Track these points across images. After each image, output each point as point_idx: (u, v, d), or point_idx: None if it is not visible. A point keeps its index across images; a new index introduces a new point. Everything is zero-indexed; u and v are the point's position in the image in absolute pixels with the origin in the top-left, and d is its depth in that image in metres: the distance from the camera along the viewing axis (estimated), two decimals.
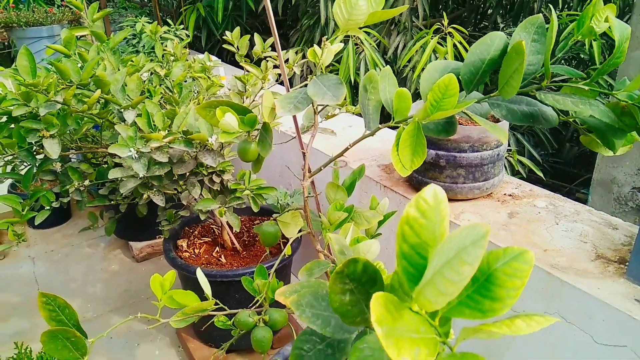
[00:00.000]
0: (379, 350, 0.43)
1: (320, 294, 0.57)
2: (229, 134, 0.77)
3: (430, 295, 0.38)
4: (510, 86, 0.75)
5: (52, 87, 1.12)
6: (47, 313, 0.77)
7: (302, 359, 0.53)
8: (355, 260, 0.45)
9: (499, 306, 0.39)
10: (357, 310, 0.49)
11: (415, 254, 0.41)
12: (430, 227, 0.41)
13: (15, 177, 1.41)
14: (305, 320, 0.54)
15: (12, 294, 2.34)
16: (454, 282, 0.36)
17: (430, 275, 0.39)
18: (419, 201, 0.42)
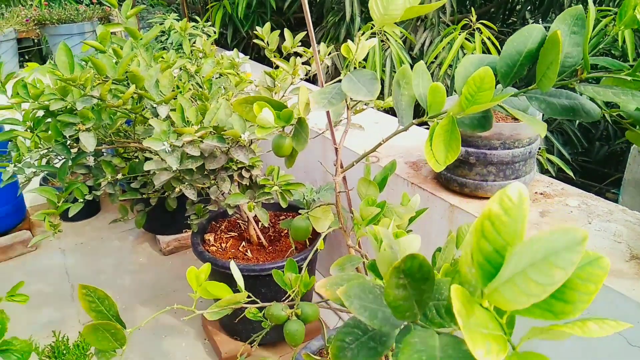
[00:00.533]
0: (429, 344, 0.43)
1: (367, 287, 0.58)
2: (265, 128, 0.78)
3: (510, 294, 0.38)
4: (547, 78, 0.74)
5: (88, 82, 1.15)
6: (87, 304, 0.79)
7: (344, 350, 0.54)
8: (412, 257, 0.45)
9: (570, 309, 0.39)
10: (408, 306, 0.49)
11: (493, 250, 0.41)
12: (511, 225, 0.40)
13: (50, 170, 1.46)
14: (353, 311, 0.54)
15: (43, 284, 2.41)
16: (541, 284, 0.36)
17: (509, 274, 0.39)
18: (503, 198, 0.41)
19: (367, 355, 0.54)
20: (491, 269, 0.40)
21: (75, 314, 2.19)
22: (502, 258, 0.40)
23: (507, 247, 0.40)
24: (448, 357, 0.42)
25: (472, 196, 1.42)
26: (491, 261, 0.40)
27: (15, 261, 2.61)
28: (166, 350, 1.97)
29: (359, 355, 0.54)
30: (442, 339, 0.45)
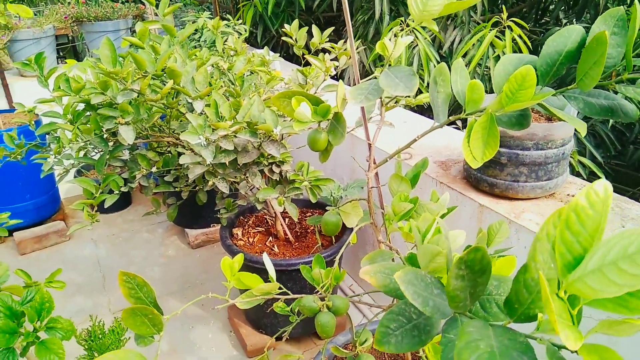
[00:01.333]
0: (485, 334, 0.44)
1: (419, 275, 0.59)
2: (302, 123, 0.79)
3: (597, 284, 0.39)
4: (589, 78, 0.74)
5: (129, 77, 1.19)
6: (127, 290, 0.82)
7: (388, 336, 0.55)
8: (477, 249, 0.46)
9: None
10: (463, 296, 0.50)
11: (576, 242, 0.42)
12: (595, 219, 0.42)
13: (89, 162, 1.51)
14: (409, 296, 0.55)
15: (76, 273, 2.49)
16: (635, 275, 0.37)
17: (595, 265, 0.40)
18: (590, 192, 0.43)
19: (411, 343, 0.55)
20: (572, 260, 0.41)
21: (106, 303, 2.26)
22: (583, 250, 0.41)
23: (590, 240, 0.41)
24: (504, 346, 0.43)
25: (502, 197, 1.41)
26: (573, 252, 0.41)
27: (50, 250, 2.70)
28: (193, 341, 2.01)
29: (402, 342, 0.56)
30: (495, 330, 0.46)
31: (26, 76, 3.18)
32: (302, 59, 1.75)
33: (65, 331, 0.92)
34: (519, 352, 0.43)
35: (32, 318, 0.90)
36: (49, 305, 0.92)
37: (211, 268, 2.49)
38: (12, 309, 0.89)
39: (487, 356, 0.42)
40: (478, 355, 0.43)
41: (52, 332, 0.92)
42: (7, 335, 0.86)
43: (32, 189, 2.72)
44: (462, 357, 0.43)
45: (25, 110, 1.59)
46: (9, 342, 0.85)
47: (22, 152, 1.62)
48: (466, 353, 0.43)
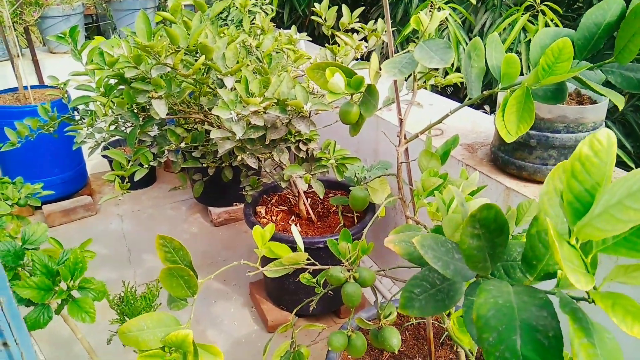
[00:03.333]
0: (504, 292, 0.45)
1: (440, 240, 0.60)
2: (335, 94, 0.80)
3: (604, 224, 0.40)
4: (628, 51, 0.73)
5: (163, 51, 1.21)
6: (163, 254, 0.84)
7: (413, 301, 0.56)
8: (489, 206, 0.47)
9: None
10: (481, 256, 0.51)
11: (583, 190, 0.43)
12: (601, 167, 0.42)
13: (120, 135, 1.54)
14: (428, 260, 0.56)
15: (102, 246, 2.56)
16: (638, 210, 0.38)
17: (602, 208, 0.41)
18: (593, 141, 0.43)
19: (435, 307, 0.56)
20: (580, 207, 0.42)
21: (132, 275, 2.32)
22: (591, 197, 0.42)
23: (596, 187, 0.41)
24: (523, 302, 0.44)
25: (529, 180, 1.40)
26: (581, 200, 0.42)
27: (77, 224, 2.78)
28: (215, 315, 2.06)
29: (426, 306, 0.57)
30: (516, 289, 0.47)
31: (56, 53, 3.24)
32: (330, 39, 1.75)
33: (97, 292, 0.96)
34: (537, 307, 0.43)
35: (65, 277, 0.94)
36: (82, 266, 0.96)
37: (233, 245, 2.53)
38: (48, 267, 0.93)
39: (505, 310, 0.43)
40: (497, 309, 0.44)
41: (84, 292, 0.96)
42: (42, 292, 0.90)
43: (60, 163, 2.79)
44: (480, 312, 0.44)
45: (58, 83, 1.63)
46: (44, 298, 0.89)
47: (54, 124, 1.66)
48: (485, 307, 0.44)
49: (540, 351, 0.41)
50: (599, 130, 0.43)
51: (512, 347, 0.41)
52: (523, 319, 0.43)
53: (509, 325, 0.43)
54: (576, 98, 1.40)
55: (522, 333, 0.42)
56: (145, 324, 0.77)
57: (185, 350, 0.77)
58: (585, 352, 0.39)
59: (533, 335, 0.42)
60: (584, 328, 0.41)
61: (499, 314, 0.44)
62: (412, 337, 1.35)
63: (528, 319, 0.43)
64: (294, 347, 1.15)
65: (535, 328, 0.43)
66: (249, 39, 1.68)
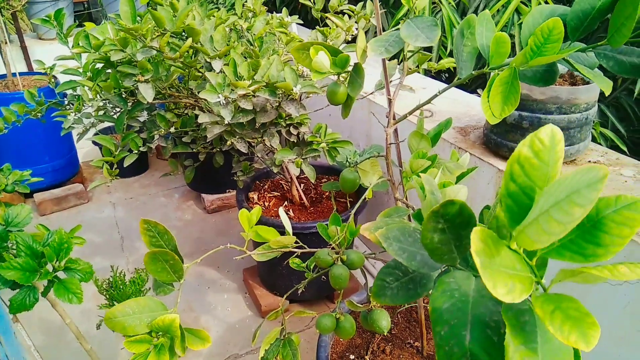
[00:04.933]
0: (465, 284, 0.44)
1: (407, 231, 0.59)
2: (321, 73, 0.78)
3: (533, 234, 0.38)
4: (620, 34, 0.71)
5: (149, 33, 1.18)
6: (148, 238, 0.83)
7: (385, 289, 0.56)
8: (452, 202, 0.45)
9: (602, 252, 0.39)
10: (446, 249, 0.50)
11: (522, 193, 0.41)
12: (542, 168, 0.40)
13: (108, 120, 1.52)
14: (392, 253, 0.56)
15: (95, 234, 2.54)
16: (561, 222, 0.36)
17: (535, 215, 0.39)
18: (534, 140, 0.41)
19: (406, 296, 0.56)
20: (519, 211, 0.40)
21: (124, 263, 2.31)
22: (531, 201, 0.40)
23: (536, 189, 0.39)
24: (481, 296, 0.43)
25: None
26: (519, 204, 0.40)
27: (69, 212, 2.76)
28: (209, 302, 2.06)
29: (398, 294, 0.56)
30: (478, 282, 0.45)
31: (45, 39, 3.19)
32: (321, 22, 1.73)
33: (84, 273, 0.95)
34: (494, 302, 0.42)
35: (50, 257, 0.93)
36: (67, 247, 0.95)
37: (226, 232, 2.52)
38: (32, 248, 0.92)
39: (460, 304, 0.42)
40: (451, 303, 0.43)
41: (71, 273, 0.95)
42: (27, 273, 0.89)
43: (51, 151, 2.76)
44: (435, 304, 0.43)
45: (45, 67, 1.60)
46: (29, 279, 0.89)
47: (42, 109, 1.64)
48: (440, 300, 0.43)
49: (488, 348, 0.40)
50: (543, 128, 0.40)
51: (460, 343, 0.41)
52: (475, 314, 0.42)
53: (461, 319, 0.42)
54: (569, 79, 1.38)
55: (472, 328, 0.42)
56: (131, 309, 0.76)
57: (172, 335, 0.77)
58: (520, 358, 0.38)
59: (483, 331, 0.41)
60: (524, 333, 0.39)
61: (452, 308, 0.43)
62: (404, 319, 1.35)
63: (481, 315, 0.42)
64: (284, 334, 1.15)
65: (487, 324, 0.42)
66: (239, 22, 1.66)
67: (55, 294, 0.92)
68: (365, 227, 0.70)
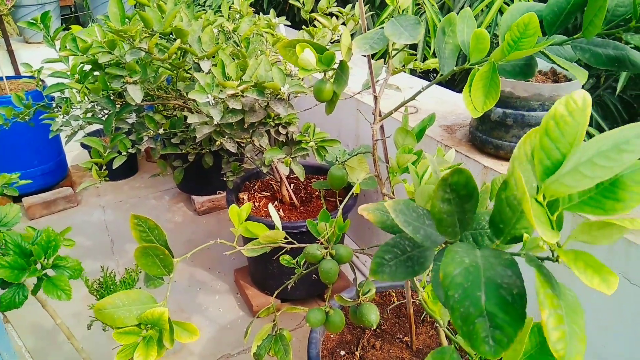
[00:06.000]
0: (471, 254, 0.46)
1: (412, 206, 0.60)
2: (307, 70, 0.80)
3: (572, 181, 0.41)
4: (593, 25, 0.74)
5: (138, 35, 1.19)
6: (138, 234, 0.84)
7: (383, 266, 0.57)
8: (460, 171, 0.47)
9: (621, 206, 0.42)
10: (451, 221, 0.52)
11: (555, 148, 0.43)
12: (574, 126, 0.43)
13: (96, 122, 1.52)
14: (399, 223, 0.57)
15: (84, 237, 2.53)
16: (608, 167, 0.39)
17: (572, 166, 0.41)
18: (569, 101, 0.44)
19: (404, 273, 0.57)
20: (551, 165, 0.43)
21: (115, 265, 2.31)
22: (562, 156, 0.42)
23: (568, 146, 0.42)
24: (489, 263, 0.45)
25: (507, 159, 1.42)
26: (552, 158, 0.43)
27: (58, 215, 2.74)
28: (200, 303, 2.06)
29: (396, 272, 0.58)
30: (483, 251, 0.48)
31: (31, 43, 3.17)
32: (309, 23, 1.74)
33: (73, 270, 0.96)
34: (503, 266, 0.44)
35: (38, 255, 0.93)
36: (55, 244, 0.95)
37: (217, 233, 2.53)
38: (21, 247, 0.92)
39: (471, 269, 0.44)
40: (463, 268, 0.45)
41: (59, 270, 0.96)
42: (16, 271, 0.89)
43: (39, 154, 2.75)
44: (447, 270, 0.45)
45: (32, 71, 1.60)
46: (18, 277, 0.89)
47: (30, 112, 1.63)
48: (451, 266, 0.45)
49: (504, 306, 0.42)
50: (576, 91, 0.43)
51: (476, 303, 0.42)
52: (488, 277, 0.44)
53: (474, 282, 0.44)
54: (552, 77, 1.41)
55: (486, 290, 0.43)
56: (121, 302, 0.77)
57: (161, 328, 0.78)
58: (550, 301, 0.41)
59: (497, 292, 0.43)
60: (548, 281, 0.43)
61: (465, 272, 0.44)
62: (394, 315, 1.37)
63: (493, 277, 0.44)
64: (275, 330, 1.16)
65: (500, 285, 0.44)
66: (226, 23, 1.67)
67: (44, 291, 0.92)
68: (363, 208, 0.72)
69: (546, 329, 0.39)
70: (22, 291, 0.91)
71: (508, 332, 0.41)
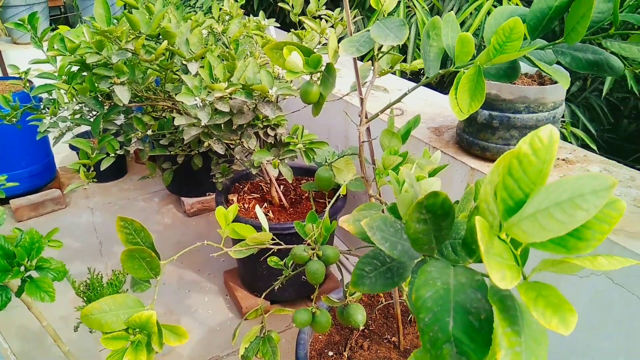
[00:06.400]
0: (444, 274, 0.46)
1: (389, 221, 0.61)
2: (294, 73, 0.80)
3: (529, 228, 0.41)
4: (576, 32, 0.75)
5: (124, 36, 1.19)
6: (124, 236, 0.84)
7: (363, 278, 0.58)
8: (436, 194, 0.48)
9: (583, 245, 0.41)
10: (427, 239, 0.52)
11: (517, 188, 0.43)
12: (538, 165, 0.43)
13: (84, 123, 1.51)
14: (375, 241, 0.58)
15: (73, 239, 2.52)
16: (562, 222, 0.39)
17: (532, 210, 0.41)
18: (534, 139, 0.43)
19: (384, 284, 0.58)
20: (513, 205, 0.42)
21: (103, 267, 2.29)
22: (525, 195, 0.42)
23: (531, 185, 0.42)
24: (460, 284, 0.45)
25: (493, 160, 1.43)
26: (514, 197, 0.42)
27: (46, 217, 2.72)
28: (189, 305, 2.06)
29: (376, 283, 0.58)
30: (456, 270, 0.48)
31: (19, 43, 3.15)
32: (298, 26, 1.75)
33: (57, 272, 0.95)
34: (473, 288, 0.45)
35: (21, 257, 0.93)
36: (39, 246, 0.95)
37: (207, 235, 2.52)
38: (4, 248, 0.92)
39: (442, 292, 0.45)
40: (434, 291, 0.45)
41: (43, 272, 0.96)
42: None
43: (27, 156, 2.72)
44: (419, 293, 0.45)
45: (19, 72, 1.59)
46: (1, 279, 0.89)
47: (17, 114, 1.62)
48: (423, 289, 0.45)
49: (471, 333, 0.43)
50: (543, 127, 0.42)
51: (444, 328, 0.43)
52: (457, 301, 0.45)
53: (444, 306, 0.44)
54: (537, 79, 1.43)
55: (455, 315, 0.44)
56: (107, 306, 0.77)
57: (149, 331, 0.78)
58: (508, 340, 0.40)
59: (465, 318, 0.44)
60: (510, 317, 0.42)
61: (435, 295, 0.45)
62: (382, 315, 1.37)
63: (462, 302, 0.45)
64: (263, 331, 1.16)
65: (469, 310, 0.44)
66: (215, 25, 1.67)
67: (27, 292, 0.92)
68: (343, 220, 0.72)
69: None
70: (5, 293, 0.90)
71: (473, 359, 0.41)
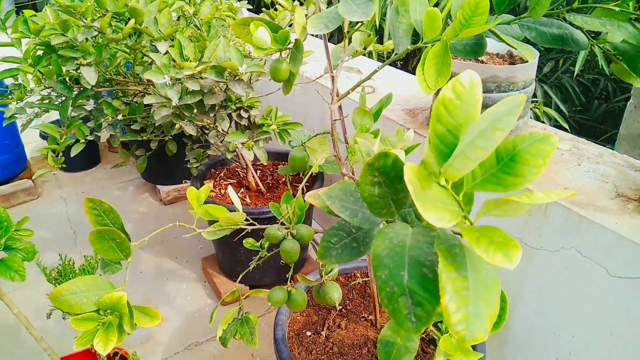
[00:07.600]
0: (402, 233, 0.47)
1: (349, 190, 0.62)
2: (262, 49, 0.80)
3: (460, 164, 0.41)
4: (540, 6, 0.76)
5: (89, 12, 1.15)
6: (93, 217, 0.83)
7: (330, 250, 0.58)
8: (385, 155, 0.48)
9: (520, 181, 0.42)
10: (384, 203, 0.52)
11: (447, 132, 0.44)
12: (464, 108, 0.43)
13: (52, 108, 1.47)
14: (335, 210, 0.58)
15: (46, 230, 2.46)
16: (484, 148, 0.40)
17: (461, 148, 0.42)
18: (455, 84, 0.44)
19: (350, 254, 0.58)
20: (446, 149, 0.43)
21: (78, 258, 2.25)
22: (455, 138, 0.43)
23: (460, 128, 0.43)
24: (416, 241, 0.46)
25: None
26: (445, 142, 0.43)
27: (18, 208, 2.66)
28: (167, 292, 2.04)
29: (342, 254, 0.59)
30: (414, 230, 0.49)
31: None
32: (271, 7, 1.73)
33: (26, 252, 0.94)
34: (428, 243, 0.46)
35: None
36: (7, 225, 0.93)
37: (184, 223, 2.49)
38: None
39: (398, 249, 0.45)
40: (390, 249, 0.46)
41: (12, 252, 0.94)
42: None
43: None
44: (376, 252, 0.46)
45: None
46: None
47: None
48: (380, 248, 0.46)
49: (424, 283, 0.44)
50: (462, 72, 0.43)
51: (399, 282, 0.44)
52: (412, 256, 0.45)
53: (399, 262, 0.45)
54: (508, 59, 1.45)
55: (409, 269, 0.45)
56: (78, 288, 0.75)
57: (121, 312, 0.77)
58: (452, 284, 0.41)
59: (419, 270, 0.44)
60: (456, 263, 0.43)
61: (391, 253, 0.46)
62: (359, 295, 1.39)
63: (417, 256, 0.45)
64: (241, 313, 1.16)
65: (423, 263, 0.45)
66: (186, 7, 1.64)
67: None
68: (310, 195, 0.72)
69: (447, 313, 0.39)
70: None
71: (427, 308, 0.42)
